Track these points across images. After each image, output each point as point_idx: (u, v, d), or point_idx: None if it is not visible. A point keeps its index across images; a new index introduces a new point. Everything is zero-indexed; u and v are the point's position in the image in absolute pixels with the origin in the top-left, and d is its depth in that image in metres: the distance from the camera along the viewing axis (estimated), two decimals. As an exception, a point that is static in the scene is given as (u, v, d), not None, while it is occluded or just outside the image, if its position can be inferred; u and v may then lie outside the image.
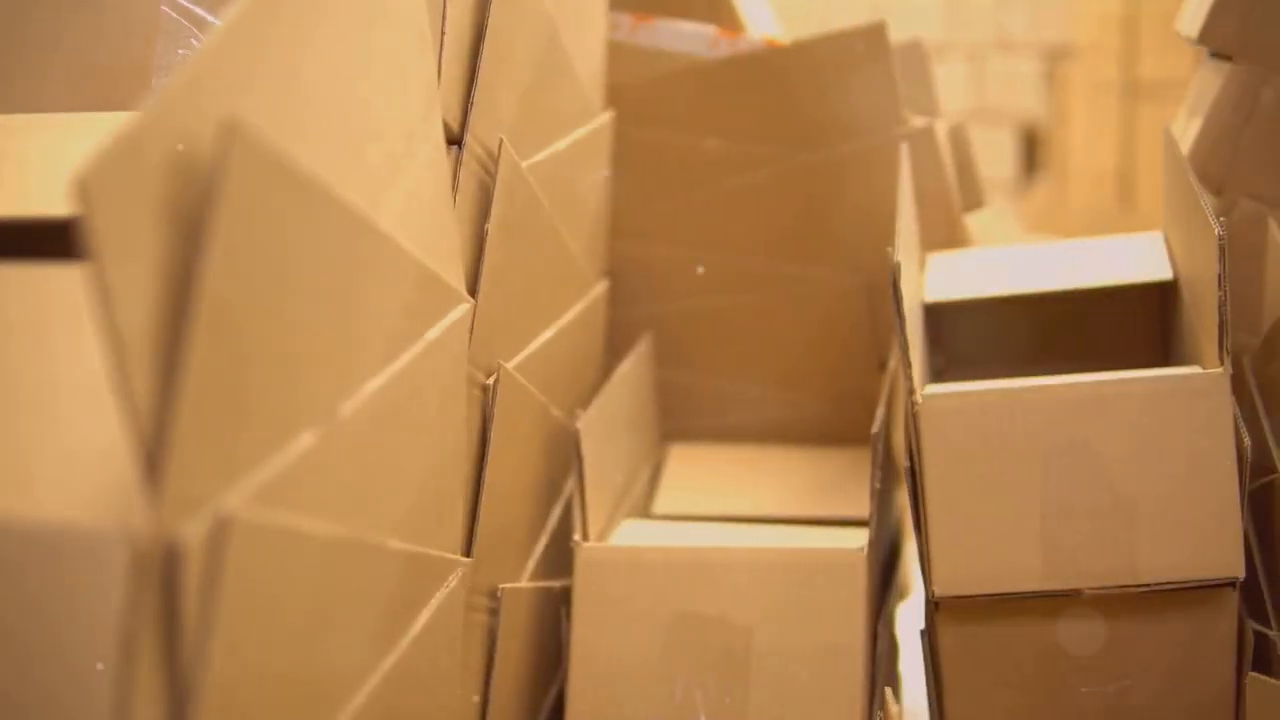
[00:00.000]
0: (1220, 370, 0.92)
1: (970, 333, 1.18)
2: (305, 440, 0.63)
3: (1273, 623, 0.98)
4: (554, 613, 1.02)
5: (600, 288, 1.15)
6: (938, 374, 1.16)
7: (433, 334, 0.78)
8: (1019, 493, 0.93)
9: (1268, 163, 1.13)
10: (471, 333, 0.88)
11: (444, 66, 0.86)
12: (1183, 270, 1.06)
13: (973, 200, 1.31)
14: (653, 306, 1.22)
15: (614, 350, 1.19)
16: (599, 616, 0.97)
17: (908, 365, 0.95)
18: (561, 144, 1.03)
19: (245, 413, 0.59)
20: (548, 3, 0.99)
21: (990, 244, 1.26)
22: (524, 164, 0.96)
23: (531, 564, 1.00)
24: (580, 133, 1.07)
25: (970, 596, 0.93)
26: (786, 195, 1.18)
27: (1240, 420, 0.96)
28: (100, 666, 0.54)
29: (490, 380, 0.91)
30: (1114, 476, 0.93)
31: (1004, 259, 1.15)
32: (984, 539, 0.93)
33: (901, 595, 1.27)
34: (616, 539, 1.04)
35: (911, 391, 0.94)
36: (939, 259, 1.16)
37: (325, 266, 0.64)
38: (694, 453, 1.22)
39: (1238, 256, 1.15)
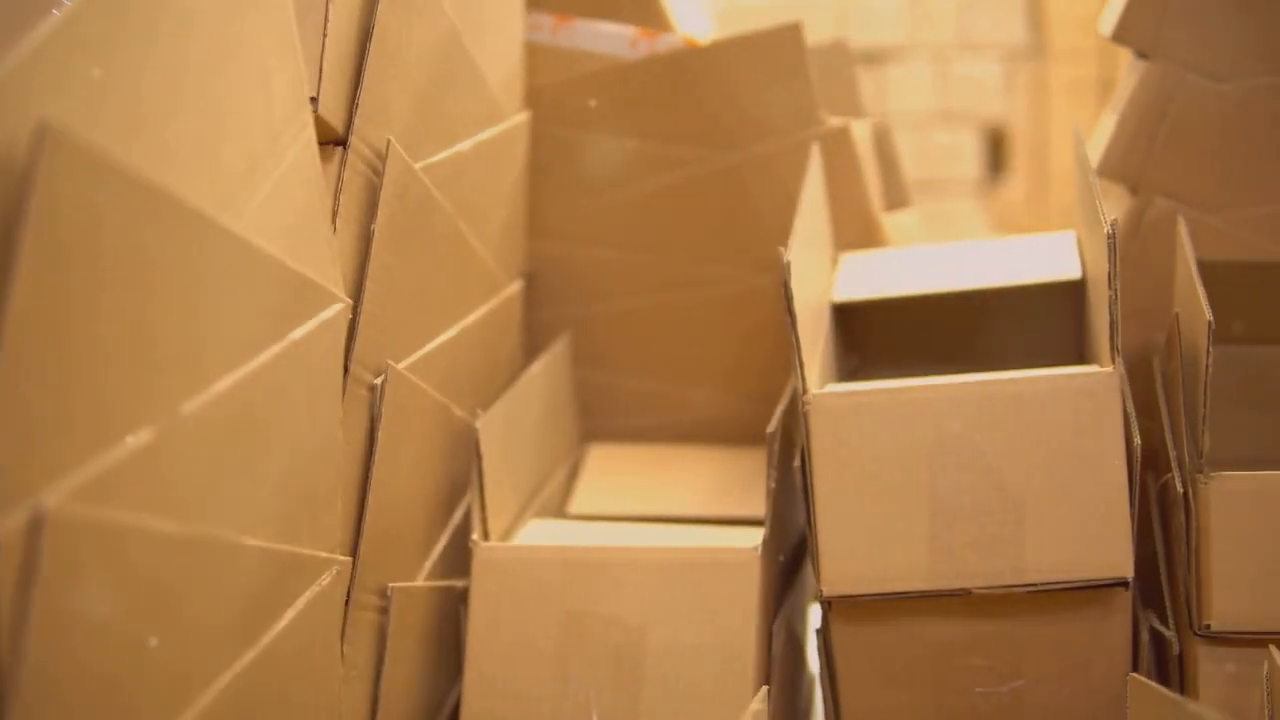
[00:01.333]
0: (1109, 370, 0.92)
1: (887, 333, 1.18)
2: (142, 438, 0.64)
3: (1171, 623, 0.98)
4: (455, 612, 1.02)
5: (513, 288, 1.15)
6: (852, 374, 1.16)
7: (298, 334, 0.78)
8: (907, 492, 0.93)
9: (1182, 161, 1.13)
10: (355, 332, 0.89)
11: (326, 69, 0.86)
12: (1088, 269, 1.06)
13: (897, 200, 1.30)
14: (574, 307, 1.23)
15: (535, 351, 1.20)
16: (495, 616, 0.98)
17: (800, 365, 0.95)
18: (465, 145, 1.03)
19: (68, 412, 0.60)
20: (447, 6, 0.99)
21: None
22: (419, 164, 0.96)
23: (430, 563, 1.01)
24: (487, 134, 1.07)
25: (860, 596, 0.93)
26: (705, 196, 1.18)
27: (1133, 419, 0.95)
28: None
29: (378, 380, 0.91)
30: (1002, 476, 0.92)
31: (918, 258, 1.15)
32: (872, 539, 0.93)
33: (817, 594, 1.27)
34: (520, 538, 1.04)
35: (803, 391, 0.94)
36: (852, 259, 1.16)
37: (159, 267, 0.64)
38: (613, 453, 1.23)
39: (1153, 255, 1.15)
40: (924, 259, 1.15)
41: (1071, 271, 1.07)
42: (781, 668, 1.00)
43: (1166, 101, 1.13)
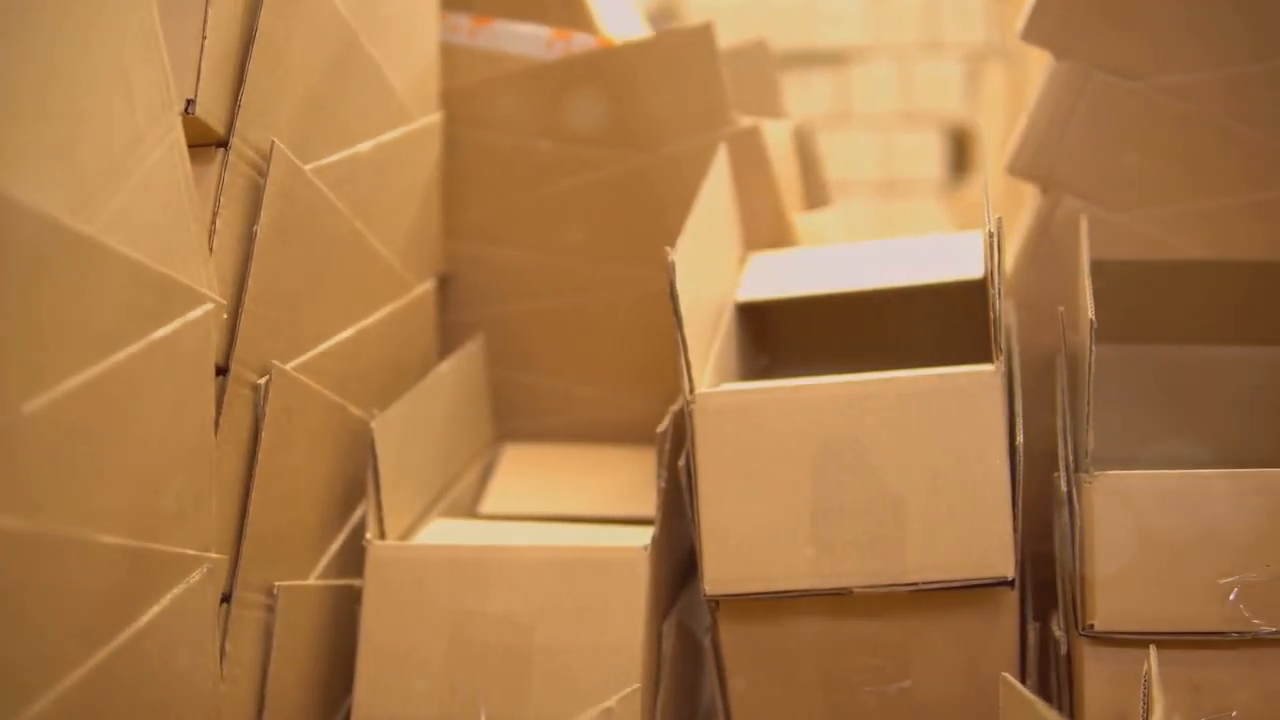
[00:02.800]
0: (990, 369, 0.92)
1: (798, 332, 1.18)
2: (-25, 437, 0.64)
3: (1061, 622, 0.98)
4: (354, 612, 1.03)
5: (423, 289, 1.16)
6: (762, 373, 1.16)
7: (161, 333, 0.79)
8: (790, 491, 0.93)
9: (1090, 160, 1.13)
10: (236, 332, 0.90)
11: (204, 71, 0.87)
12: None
13: (818, 199, 1.30)
14: (491, 308, 1.23)
15: (452, 351, 1.20)
16: (387, 615, 0.98)
17: (687, 365, 0.96)
18: (364, 146, 1.04)
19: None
20: (342, 7, 1.00)
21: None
22: (311, 166, 0.97)
23: (325, 563, 1.01)
24: (391, 135, 1.08)
25: (746, 595, 0.93)
26: (618, 196, 1.19)
27: (1018, 418, 0.95)
28: None
29: (262, 380, 0.92)
30: (884, 475, 0.92)
31: (828, 258, 1.15)
32: (756, 538, 0.93)
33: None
34: (420, 538, 1.05)
35: (689, 391, 0.94)
36: (762, 258, 1.16)
37: (-6, 266, 0.65)
38: (528, 452, 1.23)
39: (1062, 254, 1.15)
40: (834, 258, 1.15)
41: (976, 270, 1.07)
42: (675, 666, 1.00)
43: (1075, 100, 1.13)
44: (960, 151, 2.45)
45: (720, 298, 1.07)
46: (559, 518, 1.13)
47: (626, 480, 1.19)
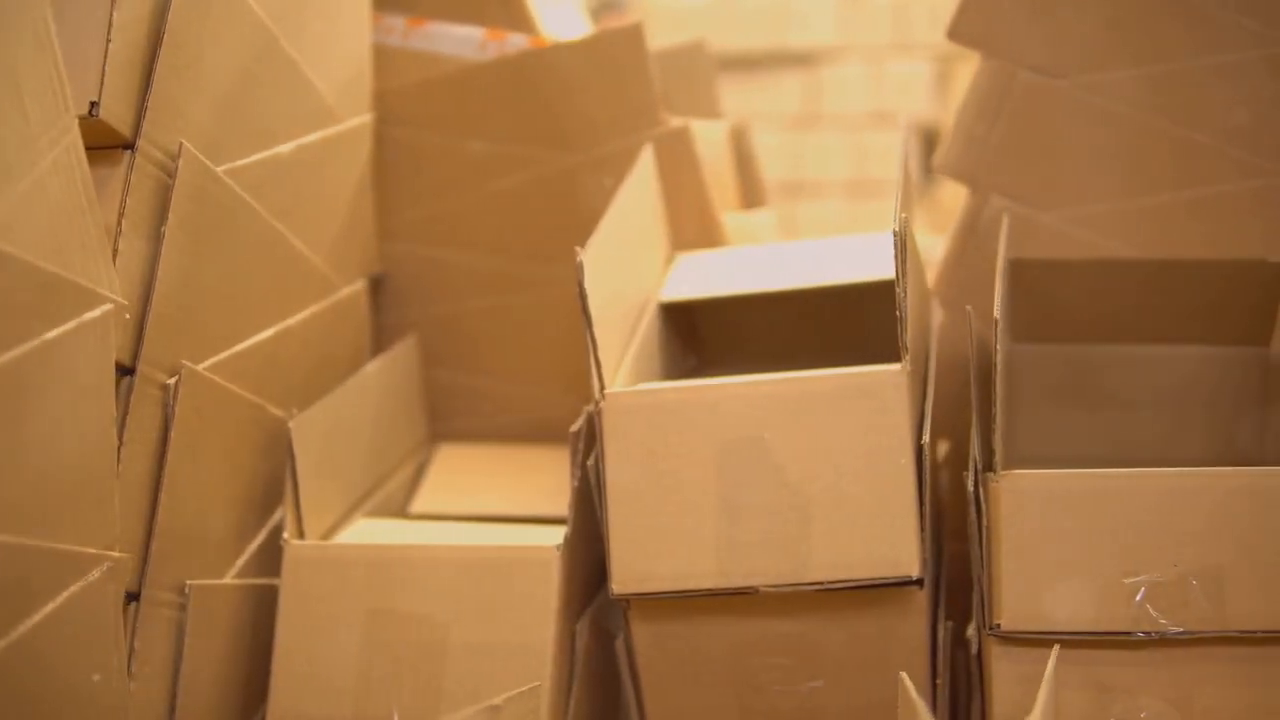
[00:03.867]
0: (895, 368, 0.92)
1: (727, 332, 1.18)
2: None
3: (974, 622, 0.98)
4: (272, 612, 1.03)
5: (352, 289, 1.16)
6: (690, 373, 1.16)
7: (54, 334, 0.79)
8: (696, 491, 0.93)
9: (1017, 159, 1.13)
10: (143, 333, 0.90)
11: (109, 74, 0.88)
12: (910, 267, 1.05)
13: (755, 199, 1.31)
14: (426, 308, 1.23)
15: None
16: (303, 614, 0.99)
17: (597, 364, 0.96)
18: (284, 147, 1.04)
19: None
20: (259, 10, 1.00)
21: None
22: (226, 167, 0.97)
23: (242, 562, 1.02)
24: (314, 136, 1.08)
25: (652, 594, 0.93)
26: (549, 197, 1.19)
27: (927, 417, 0.95)
28: None
29: (172, 380, 0.92)
30: (789, 475, 0.92)
31: (754, 258, 1.15)
32: (663, 537, 0.93)
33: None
34: (342, 537, 1.05)
35: (599, 390, 0.95)
36: (689, 258, 1.16)
37: None
38: (461, 452, 1.23)
39: (989, 253, 1.14)
40: (761, 258, 1.15)
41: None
42: (589, 666, 1.00)
43: (1001, 99, 1.12)
44: (931, 152, 2.44)
45: (642, 297, 1.07)
46: (490, 518, 1.13)
47: (560, 480, 1.18)
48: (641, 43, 1.16)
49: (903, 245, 0.92)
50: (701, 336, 1.18)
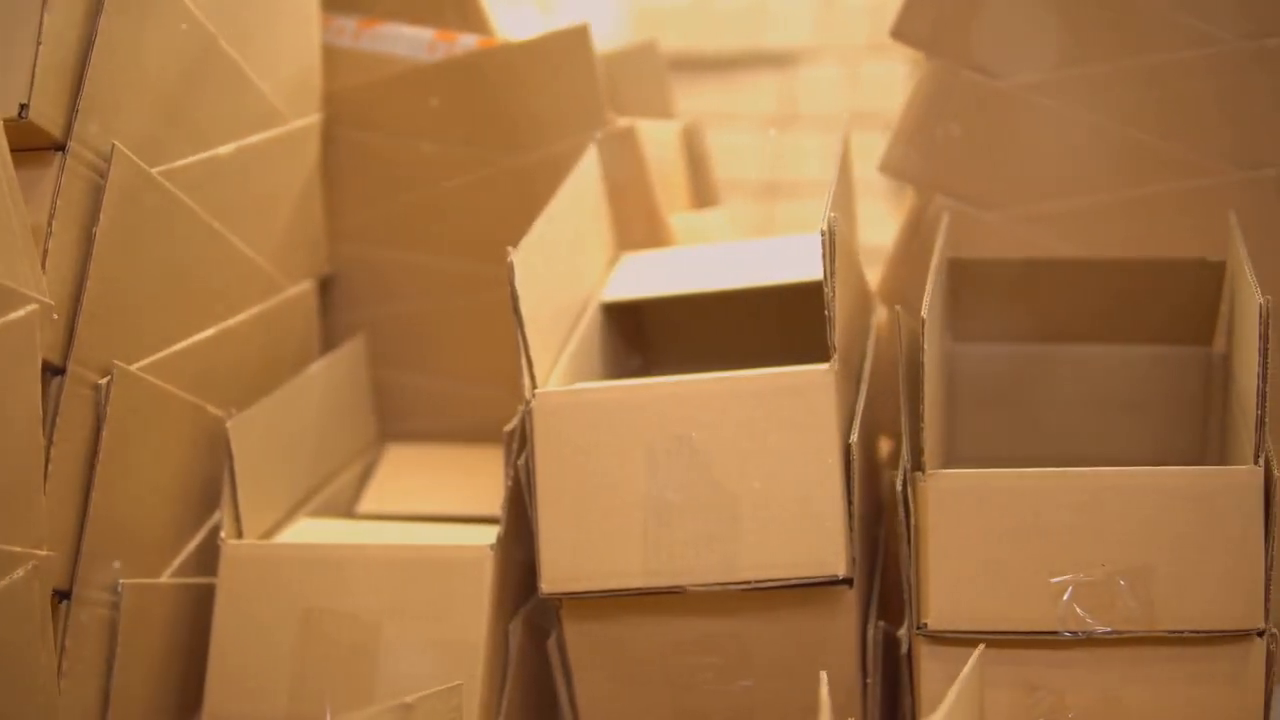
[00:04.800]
0: (823, 368, 0.92)
1: (674, 332, 1.18)
2: None
3: (905, 621, 0.97)
4: (210, 611, 1.04)
5: (298, 289, 1.17)
6: (634, 373, 1.16)
7: (-26, 334, 0.80)
8: (625, 491, 0.93)
9: (960, 159, 1.13)
10: (74, 333, 0.91)
11: (39, 76, 0.88)
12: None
13: (707, 199, 1.31)
14: (380, 308, 1.24)
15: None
16: (239, 613, 0.99)
17: (529, 364, 0.96)
18: (225, 148, 1.05)
19: None
20: (197, 12, 1.00)
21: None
22: (162, 168, 0.98)
23: (179, 561, 1.02)
24: (257, 137, 1.09)
25: (581, 594, 0.93)
26: (497, 197, 1.19)
27: (857, 417, 0.95)
28: None
29: (104, 380, 0.93)
30: (718, 474, 0.92)
31: (698, 258, 1.15)
32: (592, 536, 0.93)
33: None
34: (283, 537, 1.06)
35: (530, 390, 0.95)
36: (633, 258, 1.16)
37: None
38: (411, 452, 1.24)
39: (933, 252, 1.15)
40: (706, 258, 1.15)
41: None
42: (524, 664, 1.00)
43: (945, 98, 1.13)
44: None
45: (583, 297, 1.08)
46: (438, 517, 1.14)
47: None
48: (587, 43, 1.16)
49: (831, 246, 0.92)
50: (647, 336, 1.18)
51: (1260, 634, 0.90)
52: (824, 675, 0.85)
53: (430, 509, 1.15)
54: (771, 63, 2.21)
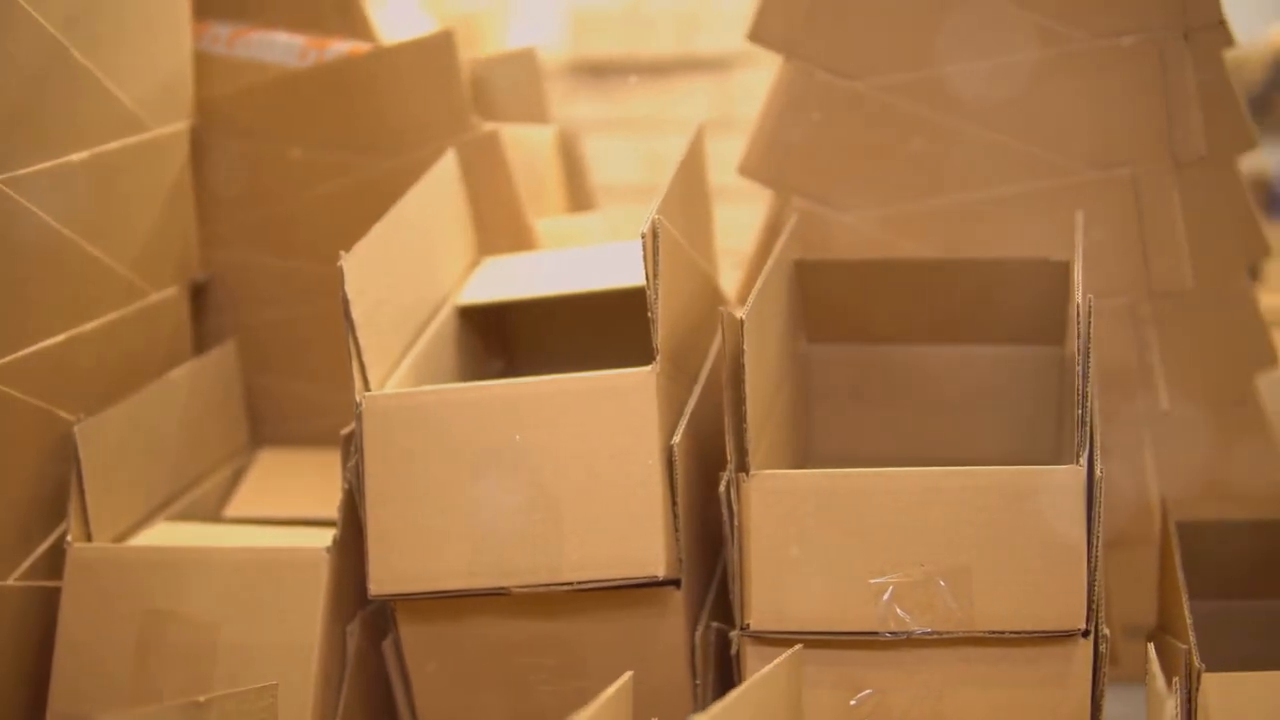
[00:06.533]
0: (645, 370, 0.92)
1: (538, 336, 1.19)
2: None
3: (737, 621, 0.97)
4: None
5: (163, 295, 1.17)
6: (496, 376, 1.17)
7: None
8: (452, 492, 0.94)
9: (816, 161, 1.13)
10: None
11: None
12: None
13: (583, 203, 1.31)
14: (252, 313, 1.25)
15: (215, 357, 1.22)
16: (83, 615, 1.00)
17: (361, 368, 0.97)
18: (77, 156, 1.06)
19: None
20: (48, 26, 1.01)
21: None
22: (7, 175, 0.98)
23: (27, 564, 1.03)
24: (114, 145, 1.09)
25: (408, 595, 0.94)
26: (365, 202, 1.19)
27: (683, 419, 0.95)
28: None
29: (-60, 384, 0.94)
30: (542, 476, 0.93)
31: (560, 261, 1.15)
32: (419, 538, 0.94)
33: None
34: (138, 540, 1.06)
35: (361, 393, 0.95)
36: (494, 262, 1.16)
37: None
38: (283, 456, 1.24)
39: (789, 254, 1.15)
40: (567, 262, 1.15)
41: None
42: (362, 666, 1.01)
43: (801, 100, 1.13)
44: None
45: (436, 300, 1.08)
46: (305, 521, 1.14)
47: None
48: (452, 49, 1.17)
49: (655, 249, 0.93)
50: (511, 340, 1.18)
51: (1086, 634, 0.90)
52: (628, 675, 0.85)
53: (299, 513, 1.15)
54: (706, 68, 2.23)
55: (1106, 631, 0.93)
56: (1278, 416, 1.51)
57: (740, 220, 1.99)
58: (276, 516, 1.16)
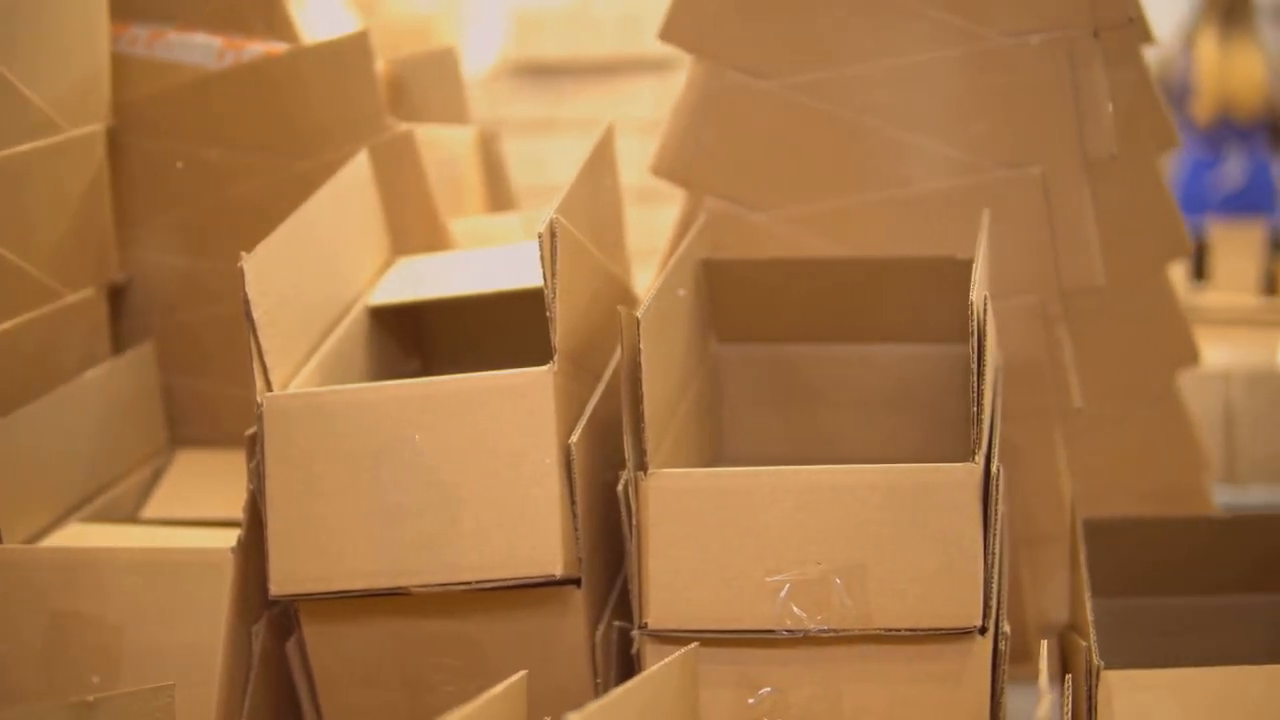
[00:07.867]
0: (543, 370, 0.93)
1: (456, 336, 1.19)
2: None
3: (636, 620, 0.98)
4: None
5: (79, 297, 1.17)
6: (411, 377, 1.17)
7: None
8: (352, 492, 0.94)
9: (728, 160, 1.13)
10: None
11: None
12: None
13: (504, 203, 1.32)
14: (171, 315, 1.25)
15: (134, 358, 1.22)
16: (-12, 617, 1.00)
17: (263, 368, 0.97)
18: (-17, 158, 1.06)
19: None
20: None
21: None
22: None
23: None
24: (25, 146, 1.09)
25: (309, 595, 0.94)
26: (283, 203, 1.18)
27: (582, 420, 0.96)
28: None
29: None
30: (441, 476, 0.93)
31: (474, 261, 1.16)
32: (319, 538, 0.94)
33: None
34: (49, 542, 1.06)
35: (262, 393, 0.96)
36: (407, 263, 1.17)
37: None
38: (201, 458, 1.24)
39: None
40: (481, 262, 1.15)
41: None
42: (268, 667, 1.01)
43: (712, 100, 1.13)
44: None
45: (346, 300, 1.08)
46: (222, 522, 1.14)
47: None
48: (367, 50, 1.17)
49: (553, 248, 0.93)
50: (427, 341, 1.19)
51: (983, 631, 0.90)
52: (521, 674, 0.86)
53: (217, 514, 1.15)
54: (650, 69, 2.23)
55: (1007, 629, 0.94)
56: (1207, 414, 1.52)
57: (671, 221, 2.00)
58: (194, 518, 1.16)
